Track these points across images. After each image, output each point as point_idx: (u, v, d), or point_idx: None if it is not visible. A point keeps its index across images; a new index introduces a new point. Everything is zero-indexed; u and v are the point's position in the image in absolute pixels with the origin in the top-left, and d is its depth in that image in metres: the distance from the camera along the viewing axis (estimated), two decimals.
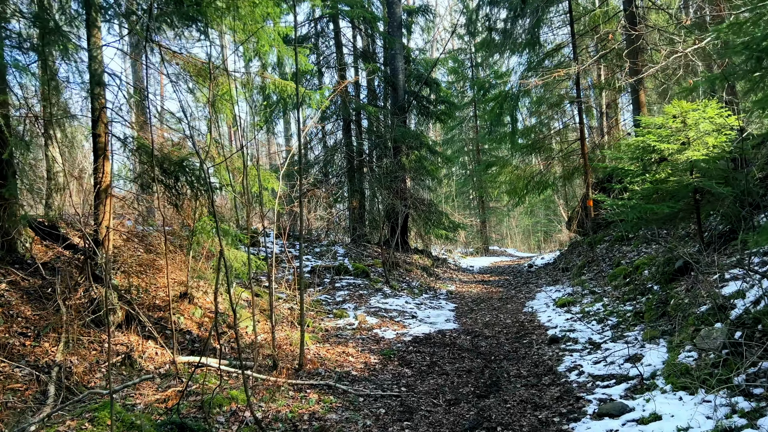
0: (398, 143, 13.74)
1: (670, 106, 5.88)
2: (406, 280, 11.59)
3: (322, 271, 10.14)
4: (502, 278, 13.63)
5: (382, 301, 9.05)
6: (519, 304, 9.53)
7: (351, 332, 7.31)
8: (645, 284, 7.34)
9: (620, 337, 5.76)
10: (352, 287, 9.62)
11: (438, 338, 7.13)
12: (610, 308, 7.14)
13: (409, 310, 8.77)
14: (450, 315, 8.76)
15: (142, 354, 5.45)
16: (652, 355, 4.90)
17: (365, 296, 9.23)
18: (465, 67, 25.82)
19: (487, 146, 25.41)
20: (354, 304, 8.75)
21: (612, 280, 8.82)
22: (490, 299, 10.32)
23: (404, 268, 12.49)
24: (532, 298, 10.00)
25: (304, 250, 11.20)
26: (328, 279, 9.86)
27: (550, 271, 13.22)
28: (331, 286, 9.53)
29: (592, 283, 9.53)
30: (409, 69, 15.76)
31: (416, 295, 10.18)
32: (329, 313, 8.16)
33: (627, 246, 10.62)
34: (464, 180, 27.24)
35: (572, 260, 12.68)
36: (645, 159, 6.03)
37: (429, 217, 14.89)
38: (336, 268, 10.26)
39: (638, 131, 5.92)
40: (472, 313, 8.91)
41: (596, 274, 10.25)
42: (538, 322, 7.67)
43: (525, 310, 8.81)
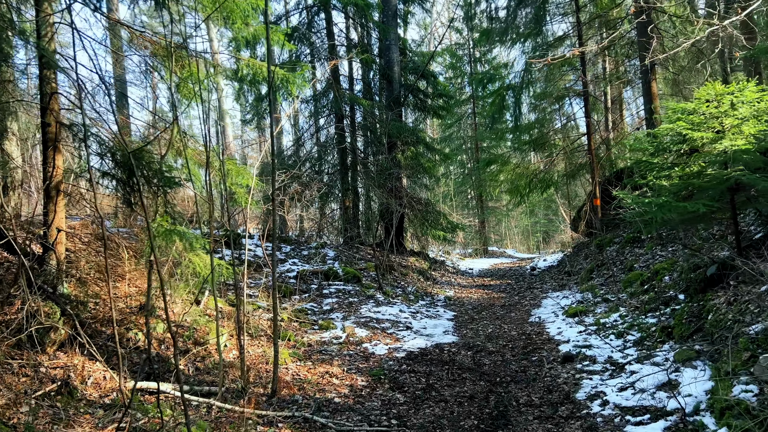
0: (393, 139, 12.93)
1: (703, 89, 5.08)
2: (401, 284, 10.77)
3: (310, 276, 9.31)
4: (503, 282, 12.82)
5: (373, 309, 8.23)
6: (524, 312, 8.72)
7: (337, 347, 6.48)
8: (666, 292, 6.54)
9: (647, 356, 4.95)
10: (341, 294, 8.80)
11: (435, 354, 6.31)
12: (629, 320, 6.33)
13: (403, 320, 7.95)
14: (448, 325, 7.95)
15: (85, 380, 4.62)
16: (690, 382, 4.09)
17: (355, 304, 8.41)
18: (463, 62, 25.03)
19: (487, 143, 24.61)
20: (343, 313, 7.93)
21: (627, 287, 8.02)
22: (492, 306, 9.51)
23: (399, 272, 11.68)
24: (538, 305, 9.20)
25: (291, 254, 10.38)
26: (316, 285, 9.03)
27: (555, 275, 12.42)
28: (319, 293, 8.71)
29: (604, 289, 8.73)
30: (404, 61, 14.95)
31: (412, 302, 9.36)
32: (314, 324, 7.34)
33: (640, 248, 9.82)
34: (463, 179, 26.45)
35: (579, 263, 11.88)
36: (674, 150, 5.23)
37: (426, 217, 14.08)
38: (324, 273, 9.44)
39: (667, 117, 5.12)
40: (473, 323, 8.09)
41: (607, 278, 9.45)
42: (547, 334, 6.86)
43: (531, 319, 8.00)
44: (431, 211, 14.54)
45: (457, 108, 25.67)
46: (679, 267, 7.07)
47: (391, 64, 13.98)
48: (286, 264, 9.80)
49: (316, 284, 9.11)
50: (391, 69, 13.97)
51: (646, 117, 11.02)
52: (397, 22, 14.40)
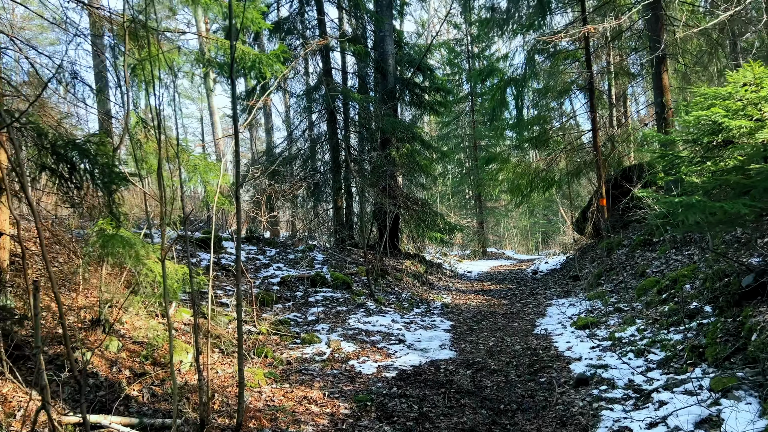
0: (387, 135, 12.21)
1: (740, 71, 4.37)
2: (394, 290, 10.04)
3: (295, 282, 8.58)
4: (504, 287, 12.11)
5: (363, 319, 7.50)
6: (528, 322, 8.01)
7: (320, 365, 5.76)
8: (689, 303, 5.83)
9: (676, 382, 4.23)
10: (328, 302, 8.07)
11: (430, 373, 5.59)
12: (649, 335, 5.62)
13: (395, 331, 7.23)
14: (445, 337, 7.22)
15: (14, 413, 3.89)
16: (736, 417, 3.38)
17: (343, 314, 7.68)
18: (461, 58, 24.31)
19: (485, 142, 23.91)
20: (329, 324, 7.20)
21: (641, 295, 7.31)
22: (493, 315, 8.80)
23: (393, 276, 10.96)
24: (543, 314, 8.49)
25: (276, 258, 9.64)
26: (301, 292, 8.30)
27: (559, 279, 11.71)
28: (304, 301, 7.98)
29: (614, 297, 8.02)
30: (400, 54, 14.23)
31: (406, 311, 8.64)
32: (296, 337, 6.61)
33: (651, 251, 9.12)
34: (461, 178, 25.73)
35: (584, 267, 11.18)
36: (704, 142, 4.53)
37: (422, 217, 13.36)
38: (311, 279, 8.71)
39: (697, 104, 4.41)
40: (472, 335, 7.37)
41: (617, 285, 8.74)
42: (556, 350, 6.14)
43: (536, 331, 7.29)
44: (428, 211, 13.83)
45: (455, 105, 24.98)
46: (702, 275, 6.36)
47: (385, 57, 13.26)
48: (269, 269, 9.07)
49: (302, 291, 8.38)
50: (386, 62, 13.26)
51: (656, 111, 10.32)
52: (392, 13, 13.69)
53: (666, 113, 10.18)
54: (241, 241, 9.99)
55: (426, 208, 13.90)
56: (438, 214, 14.34)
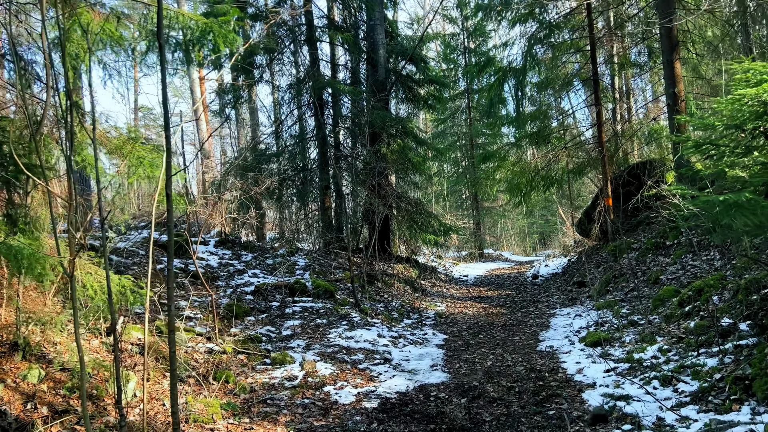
0: (376, 129, 11.37)
1: None
2: (383, 298, 9.21)
3: (271, 291, 7.74)
4: (502, 293, 11.29)
5: (345, 334, 6.66)
6: (530, 335, 7.18)
7: (290, 392, 4.92)
8: (719, 318, 5.01)
9: (722, 426, 3.40)
10: (307, 314, 7.22)
11: (418, 403, 4.75)
12: (675, 357, 4.79)
13: (381, 348, 6.39)
14: (438, 355, 6.39)
15: None
16: None
17: (323, 327, 6.83)
18: (457, 53, 23.49)
19: (482, 140, 23.12)
20: (306, 340, 6.36)
21: (657, 306, 6.50)
22: (491, 326, 7.97)
23: (383, 282, 10.12)
24: (546, 325, 7.66)
25: (252, 263, 8.79)
26: (277, 303, 7.45)
27: (562, 285, 10.90)
28: (280, 313, 7.14)
29: (626, 308, 7.21)
30: (392, 45, 13.39)
31: (395, 322, 7.80)
32: (266, 356, 5.77)
33: (665, 256, 8.32)
34: (457, 177, 24.92)
35: (589, 272, 10.36)
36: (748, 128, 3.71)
37: (415, 218, 12.53)
38: (290, 287, 7.86)
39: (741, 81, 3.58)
40: (468, 351, 6.54)
41: (628, 293, 7.93)
42: (564, 372, 5.31)
43: (540, 347, 6.46)
44: (421, 211, 13.00)
45: (451, 102, 24.18)
46: (731, 284, 5.55)
47: (375, 47, 12.43)
48: (244, 276, 8.22)
49: (279, 301, 7.53)
50: (376, 52, 12.42)
51: (668, 103, 9.53)
52: (382, 1, 12.85)
53: (679, 105, 9.38)
54: (216, 244, 9.14)
55: (419, 208, 13.07)
56: (432, 214, 13.52)
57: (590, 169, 12.15)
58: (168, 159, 3.11)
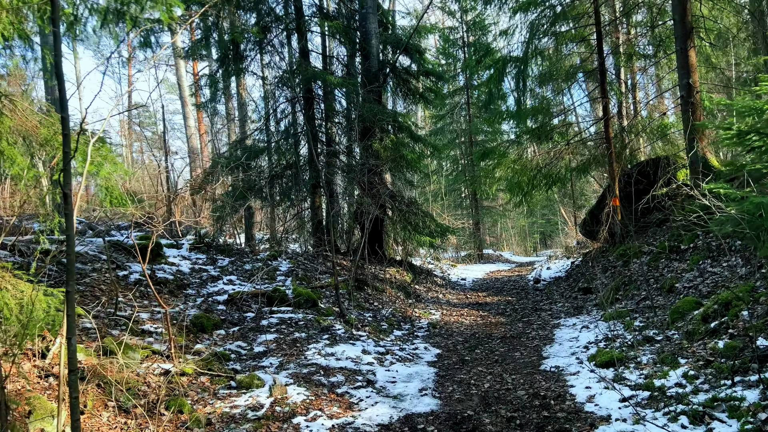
0: (368, 123, 10.65)
1: None
2: (373, 306, 8.50)
3: (247, 300, 7.02)
4: (502, 299, 10.57)
5: (326, 350, 5.94)
6: (532, 350, 6.46)
7: (252, 425, 4.20)
8: (754, 339, 4.30)
9: None
10: (285, 326, 6.51)
11: None
12: (704, 386, 4.08)
13: (365, 367, 5.67)
14: (429, 375, 5.67)
15: None
16: None
17: (302, 342, 6.12)
18: (456, 47, 22.75)
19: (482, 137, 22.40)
20: (280, 357, 5.64)
21: (675, 319, 5.78)
22: (489, 339, 7.25)
23: (373, 288, 9.41)
24: (550, 338, 6.95)
25: (228, 269, 8.06)
26: (253, 313, 6.74)
27: (566, 291, 10.18)
28: (254, 326, 6.42)
29: (639, 320, 6.49)
30: (386, 35, 12.67)
31: (383, 334, 7.09)
32: (233, 377, 5.05)
33: (680, 261, 7.60)
34: (455, 176, 24.18)
35: (595, 276, 9.65)
36: None
37: (410, 219, 11.81)
38: (268, 296, 7.14)
39: None
40: (463, 370, 5.83)
41: (639, 302, 7.22)
42: (573, 400, 4.59)
43: (544, 365, 5.74)
44: (416, 212, 12.27)
45: (450, 99, 23.45)
46: (765, 297, 4.83)
47: (368, 36, 11.70)
48: (218, 283, 7.50)
49: (254, 312, 6.81)
50: (368, 42, 11.70)
51: (681, 95, 8.80)
52: None
53: (693, 96, 8.66)
54: (190, 247, 8.41)
55: (414, 208, 12.35)
56: (428, 214, 12.80)
57: (595, 166, 11.43)
58: (65, 149, 2.39)
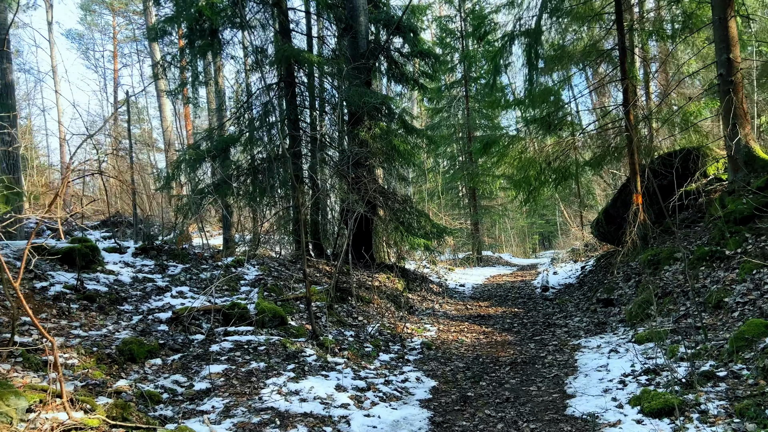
0: (355, 109, 9.33)
1: None
2: (357, 322, 7.17)
3: (197, 317, 5.68)
4: (507, 310, 9.26)
5: (290, 386, 4.61)
6: (552, 384, 5.14)
7: None
8: None
9: None
10: (242, 352, 5.17)
11: None
12: None
13: (337, 411, 4.34)
14: (420, 424, 4.34)
15: None
16: None
17: (259, 376, 4.78)
18: (454, 36, 21.43)
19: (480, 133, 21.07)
20: (227, 398, 4.31)
21: (741, 348, 4.48)
22: (497, 365, 5.94)
23: (359, 298, 8.08)
24: (572, 366, 5.63)
25: (180, 278, 6.70)
26: (203, 336, 5.40)
27: (581, 302, 8.87)
28: (202, 351, 5.08)
29: (684, 344, 5.17)
30: (375, 14, 11.35)
31: (366, 360, 5.76)
32: (155, 430, 3.71)
33: (725, 270, 6.30)
34: (453, 173, 22.85)
35: (615, 285, 8.34)
36: None
37: (402, 219, 10.49)
38: (224, 313, 5.80)
39: None
40: (465, 414, 4.50)
41: (679, 320, 5.92)
42: None
43: (571, 409, 4.42)
44: (410, 210, 10.97)
45: (447, 92, 22.15)
46: None
47: (355, 13, 10.37)
48: (165, 296, 6.15)
49: (205, 333, 5.48)
50: (356, 19, 10.37)
51: (719, 73, 7.50)
52: None
53: (734, 74, 7.37)
54: (135, 252, 7.06)
55: (408, 207, 11.04)
56: (423, 214, 11.50)
57: (610, 159, 10.13)
58: None
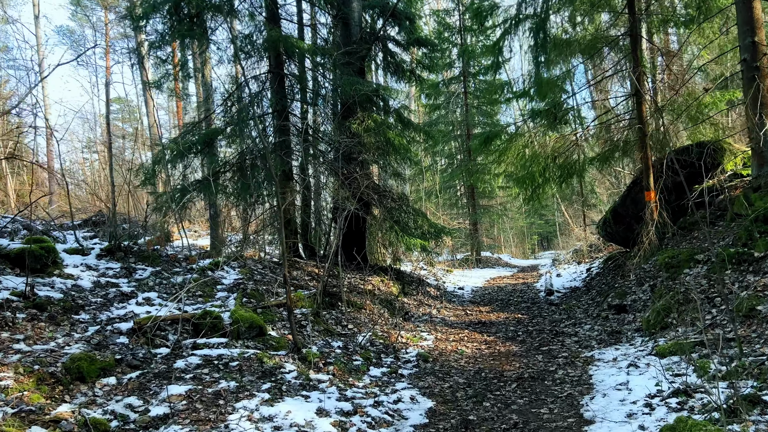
0: (346, 98, 8.69)
1: None
2: (346, 330, 6.52)
3: (164, 328, 5.01)
4: (509, 316, 8.62)
5: (263, 410, 3.96)
6: (565, 405, 4.50)
7: None
8: None
9: None
10: (210, 369, 4.51)
11: None
12: None
13: None
14: None
15: None
16: None
17: (228, 398, 4.12)
18: (452, 31, 20.79)
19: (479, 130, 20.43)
20: (187, 427, 3.65)
21: None
22: (501, 380, 5.29)
23: (350, 303, 7.43)
24: (587, 383, 4.98)
25: (148, 283, 6.02)
26: (168, 349, 4.73)
27: (590, 307, 8.24)
28: (165, 368, 4.42)
29: (716, 359, 4.54)
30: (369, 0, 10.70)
31: (354, 376, 5.11)
32: None
33: (756, 274, 5.67)
34: (452, 172, 22.20)
35: (628, 290, 7.70)
36: None
37: (398, 218, 9.85)
38: (195, 323, 5.14)
39: None
40: None
41: (705, 330, 5.27)
42: None
43: None
44: (406, 209, 10.33)
45: (445, 89, 21.50)
46: None
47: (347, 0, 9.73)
48: (129, 303, 5.49)
49: (171, 345, 4.81)
50: (348, 5, 9.73)
51: (743, 58, 6.88)
52: None
53: (759, 59, 6.74)
54: (100, 254, 6.39)
55: (404, 205, 10.39)
56: (420, 213, 10.85)
57: (620, 155, 9.50)
58: None
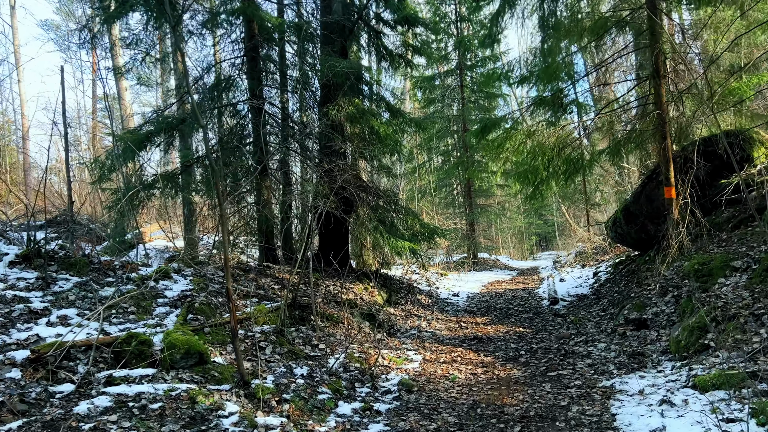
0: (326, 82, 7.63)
1: None
2: (317, 350, 5.46)
3: (74, 357, 3.94)
4: (510, 330, 7.56)
5: None
6: None
7: None
8: None
9: None
10: (121, 415, 3.44)
11: None
12: None
13: None
14: None
15: None
16: None
17: None
18: (448, 21, 19.75)
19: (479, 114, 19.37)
20: None
21: None
22: (501, 421, 4.22)
23: (324, 317, 6.36)
24: (608, 424, 3.94)
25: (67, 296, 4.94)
26: (73, 386, 3.66)
27: (602, 320, 7.19)
28: (62, 414, 3.35)
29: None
30: None
31: (316, 417, 4.04)
32: None
33: None
34: (447, 170, 21.16)
35: (647, 300, 6.64)
36: None
37: (385, 217, 8.80)
38: (115, 350, 4.07)
39: None
40: None
41: (754, 354, 4.24)
42: None
43: None
44: (395, 207, 9.28)
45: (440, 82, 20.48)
46: None
47: None
48: (38, 323, 4.41)
49: (78, 380, 3.74)
50: None
51: None
52: None
53: None
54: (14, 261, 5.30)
55: (392, 203, 9.34)
56: (412, 212, 9.80)
57: (634, 145, 8.47)
58: None
